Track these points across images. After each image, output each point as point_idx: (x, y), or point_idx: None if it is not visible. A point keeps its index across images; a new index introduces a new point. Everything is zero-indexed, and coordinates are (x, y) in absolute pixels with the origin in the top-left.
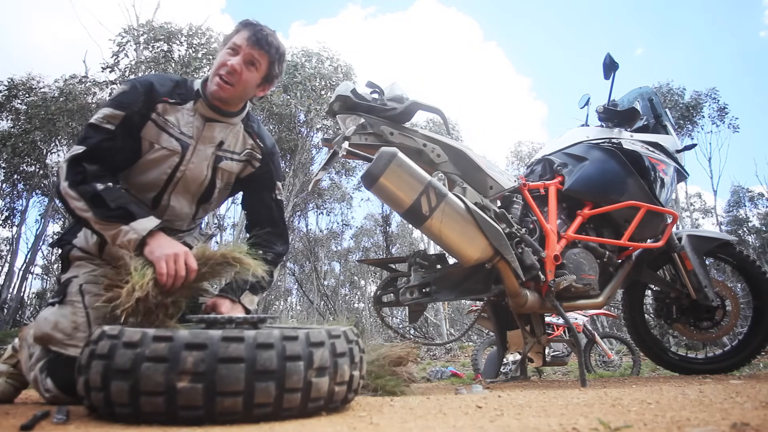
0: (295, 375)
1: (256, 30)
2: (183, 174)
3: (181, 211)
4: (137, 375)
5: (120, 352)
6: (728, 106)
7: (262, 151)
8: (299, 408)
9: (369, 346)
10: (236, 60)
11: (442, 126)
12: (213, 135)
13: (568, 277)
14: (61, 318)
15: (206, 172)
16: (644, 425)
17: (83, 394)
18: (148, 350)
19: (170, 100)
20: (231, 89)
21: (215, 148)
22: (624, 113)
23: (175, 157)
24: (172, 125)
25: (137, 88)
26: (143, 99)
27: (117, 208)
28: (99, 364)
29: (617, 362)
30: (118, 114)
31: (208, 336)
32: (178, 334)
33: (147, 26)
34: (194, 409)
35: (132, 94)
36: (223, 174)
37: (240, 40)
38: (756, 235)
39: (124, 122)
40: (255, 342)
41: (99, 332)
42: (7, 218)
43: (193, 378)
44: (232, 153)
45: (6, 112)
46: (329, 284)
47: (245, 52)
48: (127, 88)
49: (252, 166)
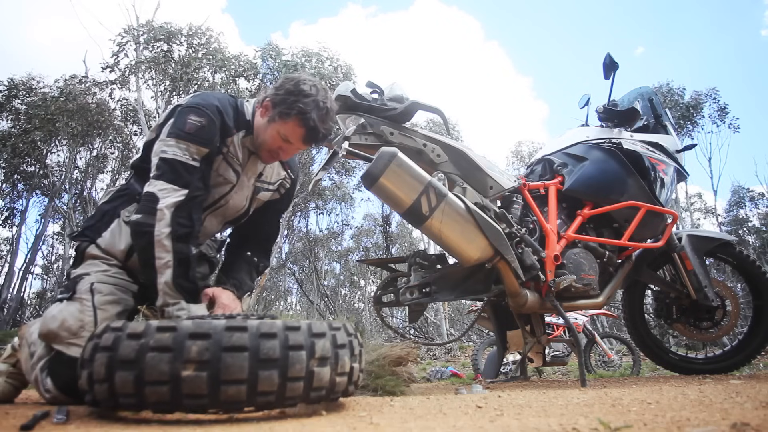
0: (297, 364)
1: (311, 130)
2: (227, 202)
3: (210, 229)
4: (142, 365)
5: (124, 344)
6: (728, 106)
7: (291, 181)
8: (302, 397)
9: (369, 346)
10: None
11: (442, 126)
12: (256, 166)
13: (568, 277)
14: (68, 316)
15: (245, 203)
16: (644, 425)
17: (86, 388)
18: (152, 340)
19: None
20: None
21: (255, 179)
22: (624, 113)
23: (226, 186)
24: (232, 155)
25: (214, 122)
26: (219, 134)
27: (192, 281)
28: (103, 356)
29: (617, 362)
30: (203, 150)
31: (211, 325)
32: (181, 324)
33: (147, 26)
34: (199, 398)
35: (211, 128)
36: (257, 204)
37: (293, 138)
38: (756, 235)
39: (206, 157)
40: (258, 331)
41: (102, 327)
42: (7, 218)
43: (197, 367)
44: (267, 183)
45: (6, 112)
46: (329, 284)
47: (297, 146)
48: (204, 121)
49: (279, 194)
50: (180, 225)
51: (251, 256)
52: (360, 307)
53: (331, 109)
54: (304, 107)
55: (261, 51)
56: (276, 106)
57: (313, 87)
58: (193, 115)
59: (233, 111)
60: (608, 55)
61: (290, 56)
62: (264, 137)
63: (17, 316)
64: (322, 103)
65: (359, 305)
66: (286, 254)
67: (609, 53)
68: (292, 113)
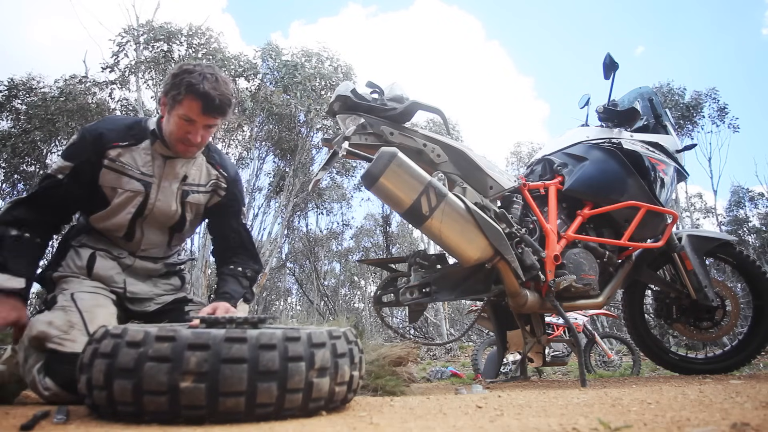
0: (296, 375)
1: (206, 99)
2: (150, 211)
3: (154, 239)
4: (140, 374)
5: (123, 351)
6: (728, 106)
7: (227, 180)
8: (300, 407)
9: (369, 346)
10: (194, 132)
11: (442, 126)
12: (176, 171)
13: (568, 277)
14: (54, 318)
15: (175, 207)
16: (644, 425)
17: (85, 393)
18: (151, 350)
19: (122, 143)
20: (196, 149)
21: (180, 183)
22: (624, 113)
23: (138, 198)
24: (129, 167)
25: (86, 138)
26: (91, 149)
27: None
28: (102, 363)
29: (617, 362)
30: (67, 165)
31: (211, 336)
32: (180, 333)
33: (147, 26)
34: (197, 409)
35: (80, 145)
36: (192, 207)
37: (193, 114)
38: (756, 235)
39: (74, 173)
40: (258, 343)
41: (102, 331)
42: None
43: (196, 378)
44: (197, 186)
45: (6, 112)
46: (329, 284)
47: (201, 123)
48: (76, 139)
49: (218, 195)
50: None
51: (234, 267)
52: (360, 307)
53: (220, 77)
54: (192, 80)
55: (261, 51)
56: (168, 94)
57: (197, 66)
58: (74, 136)
59: (124, 128)
60: (608, 55)
61: (290, 56)
62: (170, 129)
63: None
64: (209, 74)
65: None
66: (286, 254)
67: (609, 53)
68: (183, 91)
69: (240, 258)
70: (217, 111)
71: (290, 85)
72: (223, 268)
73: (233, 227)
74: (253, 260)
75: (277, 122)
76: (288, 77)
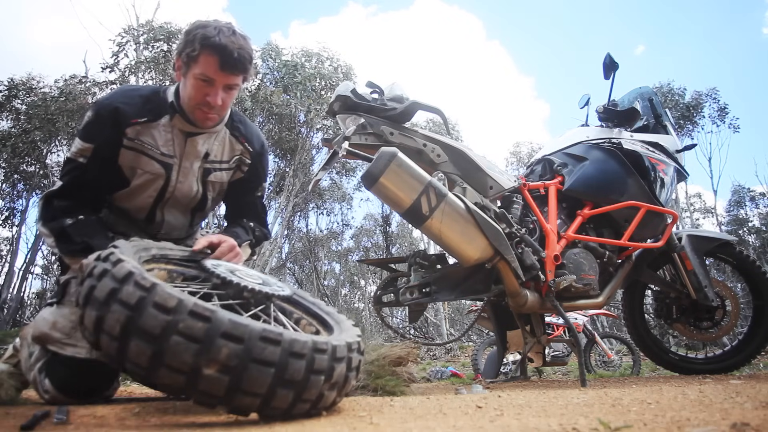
0: (314, 389)
1: (224, 54)
2: (172, 194)
3: (176, 222)
4: (164, 346)
5: (150, 312)
6: (728, 106)
7: (251, 155)
8: (305, 414)
9: (369, 346)
10: (214, 93)
11: (442, 126)
12: (197, 149)
13: (568, 277)
14: (59, 318)
15: (196, 187)
16: (644, 425)
17: (90, 329)
18: (182, 324)
19: (140, 119)
20: (217, 117)
21: (201, 161)
22: (624, 113)
23: (159, 180)
24: (150, 146)
25: (102, 115)
26: (109, 126)
27: (80, 242)
28: (121, 313)
29: (617, 362)
30: (88, 146)
31: (247, 330)
32: (217, 316)
33: (147, 26)
34: (212, 398)
35: (97, 123)
36: (214, 186)
37: (210, 71)
38: (756, 235)
39: (95, 154)
40: (290, 349)
41: (125, 271)
42: (7, 218)
43: (221, 369)
44: (220, 163)
45: (6, 112)
46: (329, 284)
47: (221, 82)
48: (92, 116)
49: (241, 171)
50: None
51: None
52: (360, 307)
53: (237, 31)
54: (207, 33)
55: (261, 51)
56: (182, 53)
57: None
58: (88, 111)
59: (142, 101)
60: (608, 55)
61: (290, 56)
62: (188, 93)
63: (17, 316)
64: (226, 27)
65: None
66: (286, 254)
67: (609, 53)
68: (197, 47)
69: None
70: (237, 66)
71: (290, 85)
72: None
73: (249, 201)
74: (263, 226)
75: (277, 122)
76: (288, 77)
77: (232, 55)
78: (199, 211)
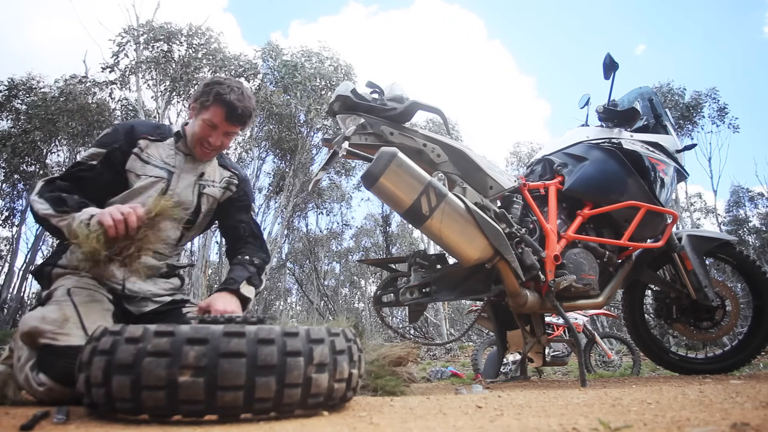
0: (295, 370)
1: (230, 108)
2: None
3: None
4: (139, 369)
5: (122, 348)
6: (728, 106)
7: (238, 178)
8: (299, 403)
9: (369, 346)
10: (215, 137)
11: (442, 126)
12: (195, 166)
13: (568, 277)
14: (48, 312)
15: (192, 198)
16: (644, 425)
17: (84, 392)
18: (150, 345)
19: (150, 137)
20: (214, 154)
21: (197, 177)
22: (624, 113)
23: (161, 183)
24: (154, 158)
25: (118, 129)
26: (123, 137)
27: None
28: (101, 360)
29: (617, 362)
30: (100, 152)
31: (209, 331)
32: (179, 329)
33: (147, 26)
34: (195, 404)
35: (113, 134)
36: (208, 199)
37: (216, 119)
38: (756, 235)
39: (107, 158)
40: (256, 337)
41: (101, 330)
42: (7, 218)
43: (194, 372)
44: (212, 182)
45: (6, 112)
46: (329, 284)
47: (223, 129)
48: (110, 130)
49: (230, 191)
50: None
51: (242, 256)
52: (360, 307)
53: (246, 92)
54: (221, 90)
55: (261, 51)
56: (197, 100)
57: (227, 79)
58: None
59: (153, 126)
60: (608, 55)
61: (290, 56)
62: (193, 130)
63: (17, 316)
64: (237, 87)
65: (359, 305)
66: (286, 254)
67: (609, 53)
68: (211, 98)
69: (248, 248)
70: (239, 120)
71: (290, 85)
72: (232, 260)
73: (243, 219)
74: (262, 249)
75: (277, 122)
76: (288, 77)
77: (236, 111)
78: (189, 227)
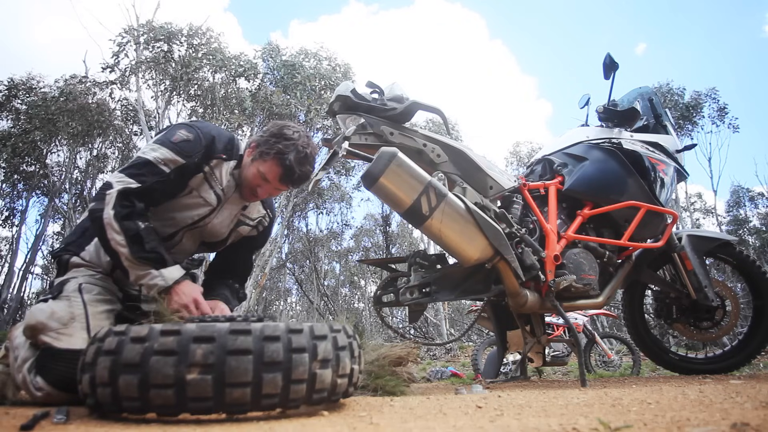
0: (300, 366)
1: (288, 172)
2: (206, 225)
3: (186, 248)
4: (146, 368)
5: (128, 347)
6: (728, 106)
7: (270, 219)
8: (304, 399)
9: (369, 346)
10: (265, 189)
11: (442, 126)
12: (240, 199)
13: (568, 277)
14: (57, 308)
15: (225, 232)
16: (644, 425)
17: (88, 392)
18: (156, 344)
19: (222, 156)
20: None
21: (239, 210)
22: (624, 113)
23: (206, 208)
24: (215, 179)
25: (200, 140)
26: (203, 152)
27: (151, 251)
28: (107, 360)
29: (617, 362)
30: (178, 161)
31: (215, 329)
32: (185, 327)
33: (147, 26)
34: (204, 401)
35: (195, 144)
36: (237, 236)
37: (270, 176)
38: (756, 235)
39: (180, 169)
40: (262, 334)
41: (105, 330)
42: (7, 218)
43: (202, 370)
44: (249, 219)
45: (6, 112)
46: (329, 284)
47: (274, 185)
48: (191, 137)
49: (257, 230)
50: (123, 206)
51: (232, 283)
52: (360, 307)
53: (310, 155)
54: (284, 149)
55: (261, 51)
56: (259, 147)
57: (296, 133)
58: (183, 130)
59: (228, 140)
60: (608, 55)
61: (289, 56)
62: (246, 174)
63: (17, 316)
64: (302, 147)
65: (359, 305)
66: (286, 254)
67: (609, 53)
68: (272, 153)
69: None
70: (293, 183)
71: (290, 85)
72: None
73: (247, 258)
74: (242, 286)
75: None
76: (288, 77)
77: (292, 176)
78: (207, 248)
